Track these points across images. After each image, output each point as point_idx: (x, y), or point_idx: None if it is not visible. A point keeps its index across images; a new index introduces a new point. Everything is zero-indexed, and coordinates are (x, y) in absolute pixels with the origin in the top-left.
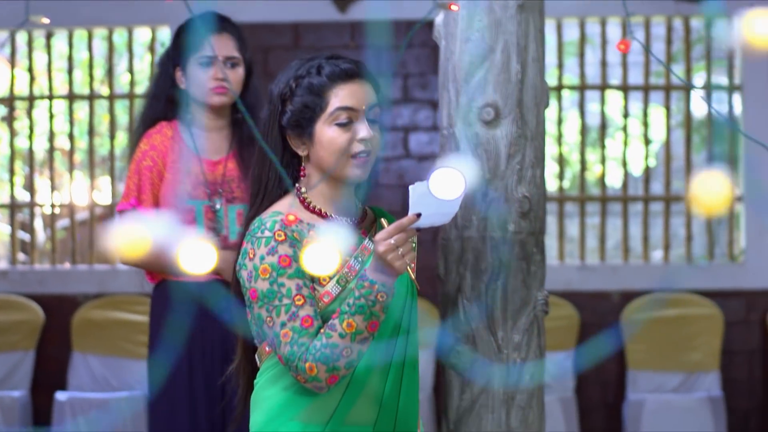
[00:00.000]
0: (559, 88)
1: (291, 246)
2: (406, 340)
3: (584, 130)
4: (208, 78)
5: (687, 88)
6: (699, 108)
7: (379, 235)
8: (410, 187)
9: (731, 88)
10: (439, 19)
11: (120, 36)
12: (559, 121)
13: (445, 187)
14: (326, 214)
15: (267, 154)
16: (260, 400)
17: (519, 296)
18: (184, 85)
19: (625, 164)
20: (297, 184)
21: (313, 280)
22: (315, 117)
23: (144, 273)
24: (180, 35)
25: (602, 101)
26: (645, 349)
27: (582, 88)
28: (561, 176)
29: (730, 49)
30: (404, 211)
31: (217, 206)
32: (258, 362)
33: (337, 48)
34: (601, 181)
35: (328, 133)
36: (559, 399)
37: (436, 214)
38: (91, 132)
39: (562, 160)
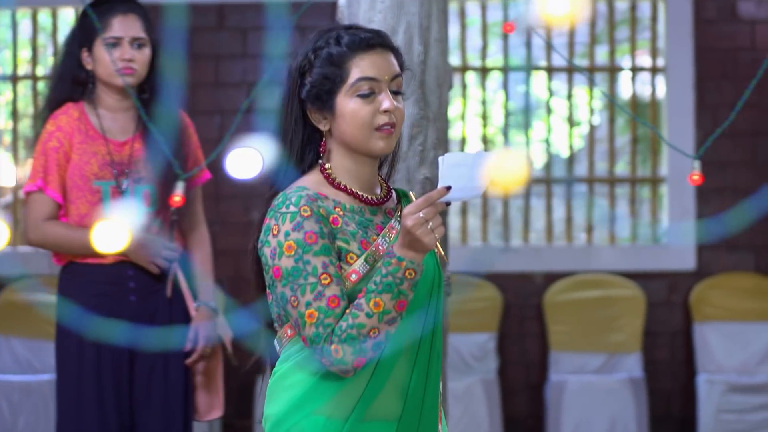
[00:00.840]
0: (484, 69)
1: (317, 222)
2: (433, 325)
3: (508, 112)
4: (115, 59)
5: (612, 69)
6: (625, 90)
7: (408, 209)
8: (439, 159)
9: (654, 70)
10: (342, 1)
11: (46, 16)
12: (484, 102)
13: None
14: (351, 190)
15: (287, 130)
16: (281, 389)
17: None
18: (91, 66)
19: (548, 146)
20: (320, 160)
21: (340, 258)
22: (335, 89)
23: (51, 254)
24: (86, 16)
25: (527, 83)
26: (567, 331)
27: (505, 69)
28: None
29: (529, 27)
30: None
31: (124, 187)
32: (277, 347)
33: (262, 29)
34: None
35: (349, 106)
36: (482, 381)
37: (466, 188)
38: (15, 114)
39: (487, 142)
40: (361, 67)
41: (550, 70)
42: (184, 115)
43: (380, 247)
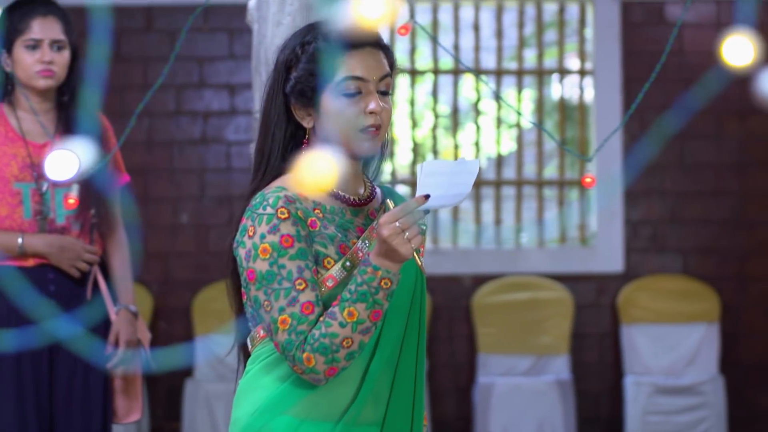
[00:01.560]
0: (413, 72)
1: (294, 225)
2: (417, 331)
3: (437, 115)
4: (34, 61)
5: (540, 72)
6: (554, 92)
7: (384, 218)
8: (418, 166)
9: (582, 73)
10: (252, 3)
11: None
12: (412, 105)
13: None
14: (332, 191)
15: (270, 125)
16: (250, 390)
17: None
18: (10, 68)
19: (478, 149)
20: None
21: (317, 262)
22: (321, 86)
23: None
24: (5, 17)
25: (455, 85)
26: (495, 333)
27: (435, 71)
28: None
29: (343, 29)
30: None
31: (44, 189)
32: (249, 346)
33: (190, 31)
34: None
35: (335, 105)
36: None
37: (446, 196)
38: None
39: (416, 146)
40: (348, 66)
41: (479, 73)
42: (104, 117)
43: (359, 252)
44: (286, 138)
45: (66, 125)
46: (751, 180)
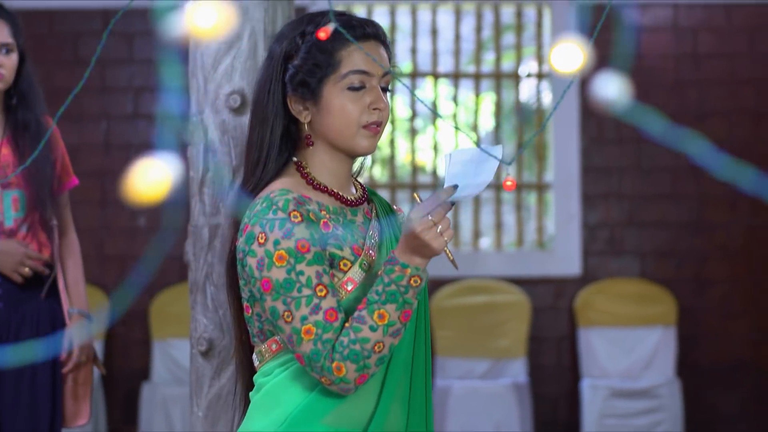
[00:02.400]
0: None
1: (308, 228)
2: (424, 331)
3: (394, 118)
4: None
5: (498, 75)
6: (510, 96)
7: (415, 212)
8: (445, 156)
9: (540, 77)
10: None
11: None
12: None
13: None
14: (332, 191)
15: (267, 116)
16: (272, 405)
17: None
18: None
19: (436, 152)
20: (295, 158)
21: (333, 265)
22: (324, 78)
23: None
24: None
25: (412, 88)
26: (453, 336)
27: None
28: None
29: (177, 39)
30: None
31: None
32: (256, 363)
33: (146, 33)
34: (413, 169)
35: (338, 99)
36: None
37: (471, 185)
38: None
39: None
40: (354, 59)
41: (437, 76)
42: (49, 119)
43: (371, 251)
44: (282, 131)
45: (14, 128)
46: (708, 183)
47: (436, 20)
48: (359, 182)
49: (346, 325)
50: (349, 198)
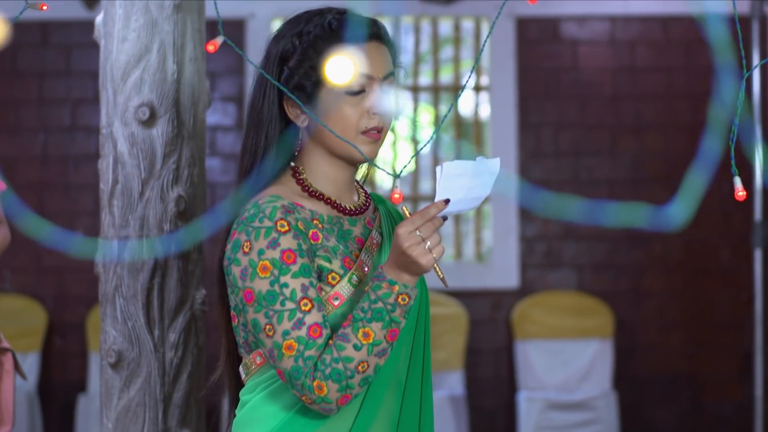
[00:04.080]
0: None
1: (295, 238)
2: (422, 350)
3: None
4: None
5: (436, 88)
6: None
7: (402, 227)
8: (437, 169)
9: (478, 89)
10: (99, 18)
11: None
12: None
13: None
14: (328, 199)
15: (262, 120)
16: (252, 422)
17: (176, 295)
18: None
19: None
20: (293, 163)
21: (320, 278)
22: (321, 81)
23: None
24: None
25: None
26: None
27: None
28: None
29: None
30: None
31: None
32: (242, 375)
33: (86, 46)
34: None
35: (335, 103)
36: None
37: (465, 199)
38: None
39: None
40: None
41: None
42: None
43: (364, 265)
44: (279, 137)
45: None
46: (644, 196)
47: None
48: (364, 190)
49: (330, 342)
50: (347, 207)
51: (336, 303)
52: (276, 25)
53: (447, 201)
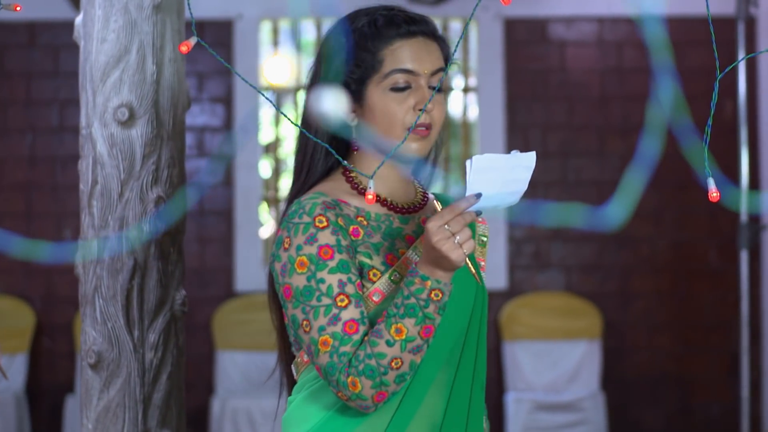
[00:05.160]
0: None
1: (334, 234)
2: (475, 353)
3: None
4: None
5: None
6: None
7: (431, 222)
8: (467, 162)
9: (466, 90)
10: (78, 19)
11: None
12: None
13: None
14: (378, 196)
15: (311, 123)
16: (296, 421)
17: (155, 296)
18: None
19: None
20: (345, 162)
21: (362, 274)
22: (367, 78)
23: None
24: None
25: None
26: None
27: None
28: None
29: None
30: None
31: None
32: (294, 374)
33: (74, 47)
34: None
35: (381, 100)
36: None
37: (500, 194)
38: None
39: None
40: (398, 57)
41: None
42: None
43: (410, 263)
44: (330, 135)
45: None
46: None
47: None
48: (423, 188)
49: (365, 338)
50: (399, 204)
51: (376, 299)
52: (265, 25)
53: (478, 195)
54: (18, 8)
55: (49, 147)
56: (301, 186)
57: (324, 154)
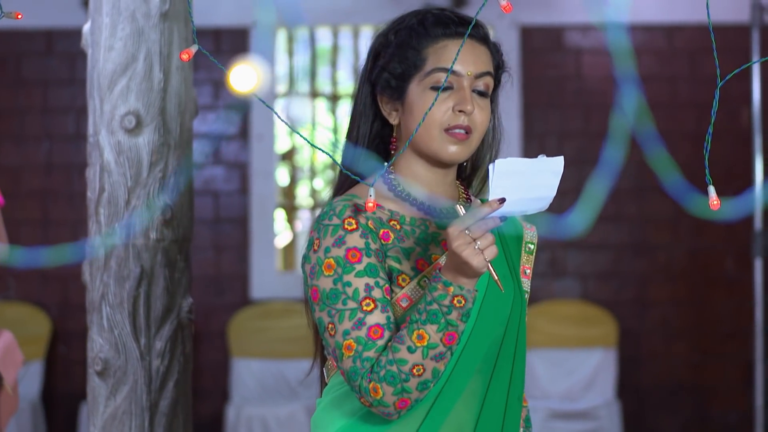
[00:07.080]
0: (314, 95)
1: (363, 237)
2: (511, 363)
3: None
4: None
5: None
6: None
7: (452, 227)
8: (490, 166)
9: None
10: (86, 27)
11: None
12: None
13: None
14: (414, 200)
15: (355, 116)
16: (321, 425)
17: (162, 303)
18: None
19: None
20: (386, 163)
21: (391, 279)
22: (409, 76)
23: None
24: None
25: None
26: None
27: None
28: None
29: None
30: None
31: None
32: (325, 377)
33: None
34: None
35: (420, 98)
36: (305, 407)
37: (525, 200)
38: None
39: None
40: (441, 56)
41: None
42: None
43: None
44: (371, 134)
45: None
46: (649, 205)
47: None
48: (467, 193)
49: (388, 344)
50: (437, 209)
51: (404, 305)
52: (280, 33)
53: (501, 200)
54: (19, 16)
55: (65, 154)
56: (340, 186)
57: (365, 152)
